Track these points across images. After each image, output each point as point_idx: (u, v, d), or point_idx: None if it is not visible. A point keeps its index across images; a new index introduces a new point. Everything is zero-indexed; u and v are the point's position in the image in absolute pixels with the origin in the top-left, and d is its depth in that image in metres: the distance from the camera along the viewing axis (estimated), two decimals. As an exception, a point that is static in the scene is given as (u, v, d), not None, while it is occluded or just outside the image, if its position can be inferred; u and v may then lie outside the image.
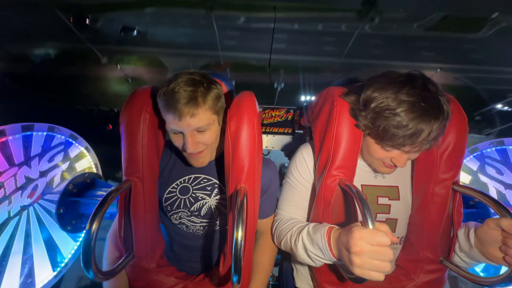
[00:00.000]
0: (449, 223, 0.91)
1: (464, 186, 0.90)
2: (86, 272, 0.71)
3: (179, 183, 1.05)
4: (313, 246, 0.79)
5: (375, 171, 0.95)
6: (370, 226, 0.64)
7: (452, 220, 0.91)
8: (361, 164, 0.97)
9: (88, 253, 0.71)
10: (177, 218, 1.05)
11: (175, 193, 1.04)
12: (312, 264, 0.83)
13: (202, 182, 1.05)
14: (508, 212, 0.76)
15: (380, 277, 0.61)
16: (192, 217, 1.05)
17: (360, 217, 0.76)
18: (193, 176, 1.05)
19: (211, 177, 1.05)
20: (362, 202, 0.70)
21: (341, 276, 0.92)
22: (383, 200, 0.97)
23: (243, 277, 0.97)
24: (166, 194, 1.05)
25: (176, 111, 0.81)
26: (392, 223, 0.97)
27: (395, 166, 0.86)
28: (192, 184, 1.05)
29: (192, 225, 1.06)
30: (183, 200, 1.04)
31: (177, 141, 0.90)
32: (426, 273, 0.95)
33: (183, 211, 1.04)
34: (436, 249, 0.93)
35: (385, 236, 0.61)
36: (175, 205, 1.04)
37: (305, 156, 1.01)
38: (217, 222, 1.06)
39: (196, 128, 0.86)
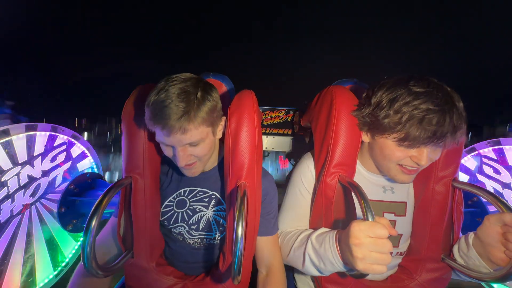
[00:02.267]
0: (451, 221, 0.91)
1: (464, 183, 0.90)
2: (86, 268, 0.71)
3: (175, 197, 1.02)
4: (324, 263, 0.77)
5: (393, 179, 0.87)
6: (370, 220, 0.65)
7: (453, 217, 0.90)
8: (369, 177, 0.96)
9: (87, 249, 0.70)
10: (175, 231, 1.02)
11: (172, 207, 1.01)
12: (321, 275, 0.82)
13: (198, 194, 1.02)
14: (508, 206, 0.75)
15: (382, 269, 0.61)
16: (191, 230, 1.01)
17: (360, 213, 0.77)
18: (188, 188, 1.02)
19: (206, 189, 1.02)
20: (362, 197, 0.70)
21: (342, 274, 0.92)
22: (388, 216, 0.95)
23: (243, 275, 0.96)
24: (163, 208, 1.01)
25: (165, 126, 0.74)
26: (395, 239, 0.96)
27: (417, 166, 0.79)
28: (189, 197, 1.01)
29: (190, 237, 1.01)
30: (180, 213, 1.01)
31: (167, 152, 0.85)
32: (429, 271, 0.94)
33: (181, 225, 1.00)
34: (438, 247, 0.92)
35: (383, 228, 0.62)
36: (173, 219, 1.01)
37: (310, 166, 0.99)
38: (216, 235, 1.01)
39: (186, 143, 0.80)
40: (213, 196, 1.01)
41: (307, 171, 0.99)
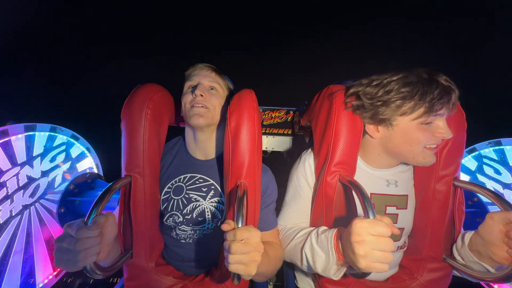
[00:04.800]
0: (452, 220, 0.90)
1: (465, 182, 0.89)
2: (84, 268, 0.69)
3: (174, 183, 1.02)
4: (315, 261, 0.78)
5: (421, 164, 0.87)
6: (371, 218, 0.65)
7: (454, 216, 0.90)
8: (372, 172, 0.95)
9: None
10: (169, 222, 1.01)
11: (169, 194, 1.01)
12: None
13: (197, 182, 1.02)
14: (510, 204, 0.74)
15: (384, 268, 0.61)
16: (183, 225, 1.00)
17: (360, 212, 0.76)
18: (188, 175, 1.03)
19: (208, 178, 1.02)
20: (363, 196, 0.70)
21: (343, 274, 0.92)
22: (391, 210, 0.94)
23: None
24: (163, 196, 1.01)
25: (196, 68, 1.05)
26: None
27: (443, 139, 0.83)
28: (187, 184, 1.01)
29: (183, 233, 1.01)
30: (175, 201, 1.00)
31: (187, 96, 1.00)
32: (430, 271, 0.94)
33: (176, 214, 1.00)
34: (439, 247, 0.91)
35: (386, 226, 0.61)
36: (169, 207, 1.00)
37: (309, 162, 0.99)
38: (211, 226, 1.01)
39: (209, 82, 1.01)
40: (213, 187, 1.01)
41: (306, 166, 0.99)
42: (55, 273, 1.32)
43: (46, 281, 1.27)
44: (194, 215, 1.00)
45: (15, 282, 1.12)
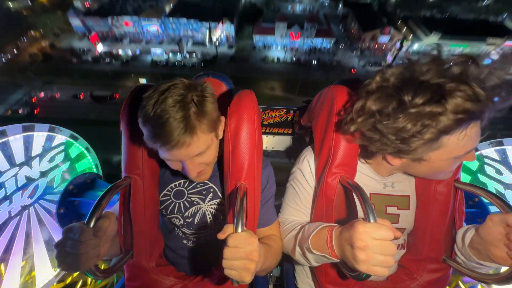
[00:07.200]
0: (452, 221, 0.90)
1: (466, 183, 0.89)
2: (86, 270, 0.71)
3: (173, 186, 1.03)
4: (312, 251, 0.78)
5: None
6: (372, 221, 0.64)
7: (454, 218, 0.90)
8: (370, 174, 0.95)
9: None
10: (170, 224, 1.03)
11: (169, 197, 1.02)
12: (309, 265, 0.84)
13: (198, 186, 1.02)
14: (510, 207, 0.74)
15: (384, 272, 0.61)
16: (184, 228, 1.01)
17: (361, 214, 0.76)
18: (188, 180, 1.02)
19: (207, 181, 1.02)
20: (363, 198, 0.69)
21: (343, 275, 0.92)
22: (391, 210, 0.94)
23: None
24: (161, 197, 1.02)
25: (169, 144, 0.70)
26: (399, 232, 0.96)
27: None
28: (188, 188, 1.02)
29: (183, 235, 1.03)
30: (177, 204, 1.01)
31: (175, 167, 0.82)
32: (429, 272, 0.94)
33: (177, 217, 1.01)
34: (439, 248, 0.92)
35: (388, 230, 0.61)
36: (169, 209, 1.01)
37: (309, 161, 1.00)
38: (212, 231, 1.02)
39: (193, 158, 0.79)
40: (211, 189, 1.02)
41: (307, 166, 1.00)
42: (55, 273, 1.33)
43: (46, 281, 1.27)
44: (196, 219, 1.01)
45: (15, 282, 1.12)
